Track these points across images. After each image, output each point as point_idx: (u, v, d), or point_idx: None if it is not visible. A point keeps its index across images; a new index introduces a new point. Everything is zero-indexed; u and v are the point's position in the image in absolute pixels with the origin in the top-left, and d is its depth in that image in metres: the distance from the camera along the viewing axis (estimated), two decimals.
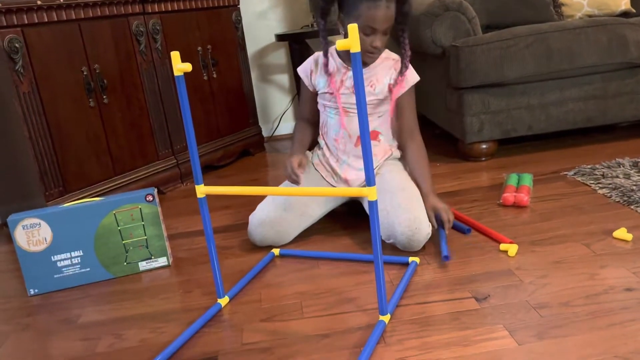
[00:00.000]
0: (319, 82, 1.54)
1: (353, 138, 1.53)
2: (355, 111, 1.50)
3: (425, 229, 1.36)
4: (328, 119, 1.56)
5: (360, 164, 1.55)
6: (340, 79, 1.50)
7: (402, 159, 1.61)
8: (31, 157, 1.71)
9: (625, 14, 2.39)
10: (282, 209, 1.49)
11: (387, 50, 1.53)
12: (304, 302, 1.23)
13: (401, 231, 1.35)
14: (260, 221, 1.49)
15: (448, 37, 2.01)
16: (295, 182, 1.45)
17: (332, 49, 1.53)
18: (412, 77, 1.52)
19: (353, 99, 1.49)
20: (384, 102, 1.53)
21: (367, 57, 1.43)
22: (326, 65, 1.50)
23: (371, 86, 1.50)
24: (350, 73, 1.49)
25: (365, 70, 1.49)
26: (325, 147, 1.61)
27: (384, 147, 1.58)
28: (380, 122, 1.55)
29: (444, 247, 1.35)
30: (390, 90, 1.51)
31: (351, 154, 1.55)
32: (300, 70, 1.58)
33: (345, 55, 1.50)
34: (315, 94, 1.59)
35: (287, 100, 2.96)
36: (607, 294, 1.11)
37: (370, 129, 1.54)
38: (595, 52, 1.93)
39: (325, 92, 1.53)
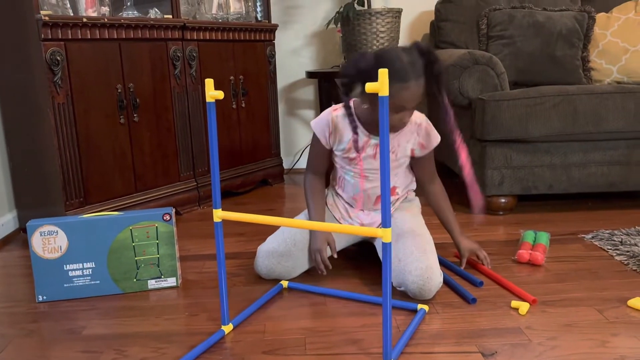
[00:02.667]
0: (340, 145, 1.48)
1: (372, 198, 1.53)
2: (376, 175, 1.50)
3: (437, 278, 1.34)
4: (345, 176, 1.54)
5: (377, 214, 1.55)
6: (361, 145, 1.46)
7: (416, 198, 1.63)
8: (57, 166, 1.75)
9: None
10: (292, 244, 1.49)
11: (416, 113, 1.48)
12: (308, 338, 1.22)
13: (412, 280, 1.34)
14: (268, 253, 1.48)
15: (476, 89, 2.03)
16: (322, 271, 1.47)
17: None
18: (435, 139, 1.50)
19: (374, 165, 1.48)
20: (404, 163, 1.53)
21: (393, 129, 1.40)
22: (356, 142, 1.42)
23: (392, 152, 1.47)
24: (372, 141, 1.45)
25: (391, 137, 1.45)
26: (341, 193, 1.59)
27: (402, 196, 1.60)
28: (398, 178, 1.55)
29: (466, 292, 1.38)
30: (412, 155, 1.51)
31: (369, 209, 1.56)
32: (316, 127, 1.50)
33: (367, 122, 1.44)
34: (329, 151, 1.53)
35: (311, 135, 2.99)
36: None
37: (391, 184, 1.54)
38: (621, 118, 1.93)
39: (344, 157, 1.50)
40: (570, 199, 2.21)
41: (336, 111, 1.47)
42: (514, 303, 1.33)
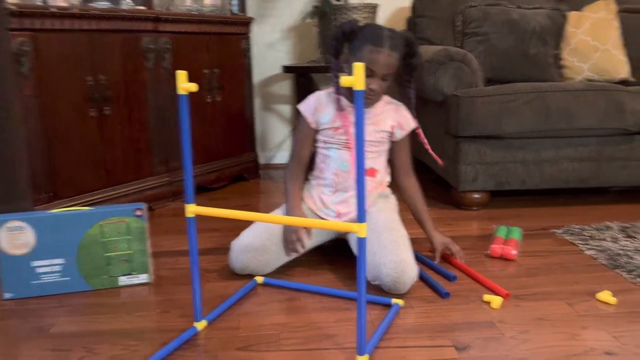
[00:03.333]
0: (324, 117, 1.54)
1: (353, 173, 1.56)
2: (366, 149, 1.54)
3: (411, 272, 1.35)
4: (329, 153, 1.56)
5: (355, 202, 1.56)
6: (346, 112, 1.54)
7: (392, 195, 1.64)
8: (24, 159, 1.70)
9: (624, 82, 2.44)
10: (267, 238, 1.48)
11: (388, 97, 1.58)
12: (282, 333, 1.21)
13: (387, 273, 1.34)
14: (243, 248, 1.47)
15: (450, 86, 2.04)
16: (296, 250, 1.48)
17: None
18: (412, 121, 1.57)
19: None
20: (384, 142, 1.57)
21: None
22: (338, 101, 1.50)
23: (374, 124, 1.53)
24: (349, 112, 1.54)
25: (368, 111, 1.52)
26: (318, 182, 1.60)
27: (379, 183, 1.61)
28: (380, 160, 1.59)
29: (440, 286, 1.39)
30: (391, 133, 1.56)
31: (350, 188, 1.56)
32: (303, 106, 1.56)
33: (349, 94, 1.52)
34: (311, 134, 1.58)
35: (287, 130, 2.98)
36: (586, 355, 1.10)
37: (370, 166, 1.56)
38: (592, 115, 1.96)
39: (328, 128, 1.54)
40: (542, 195, 2.25)
41: (321, 91, 1.58)
42: (487, 297, 1.34)
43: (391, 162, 1.63)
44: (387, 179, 1.65)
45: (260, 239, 1.47)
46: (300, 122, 1.58)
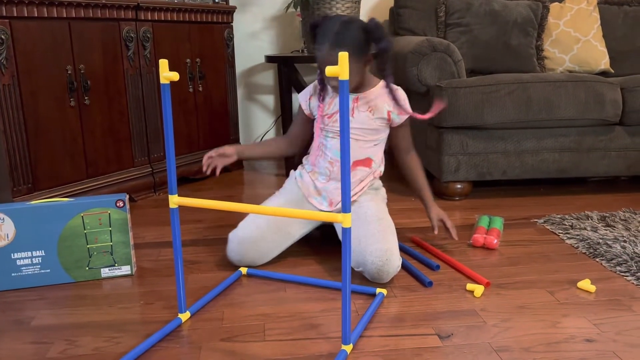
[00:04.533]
0: (316, 106, 1.57)
1: (350, 162, 1.54)
2: (359, 138, 1.53)
3: (395, 261, 1.36)
4: (325, 141, 1.56)
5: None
6: (333, 103, 1.55)
7: (383, 187, 1.63)
8: (3, 150, 1.67)
9: (604, 73, 2.47)
10: (265, 227, 1.48)
11: (384, 82, 1.54)
12: (267, 324, 1.21)
13: (372, 260, 1.35)
14: (242, 239, 1.47)
15: (433, 76, 2.05)
16: (205, 164, 1.53)
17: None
18: (409, 107, 1.54)
19: (351, 124, 1.53)
20: (382, 130, 1.54)
21: (333, 88, 1.51)
22: (322, 90, 1.53)
23: (370, 111, 1.51)
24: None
25: (363, 96, 1.51)
26: (313, 169, 1.59)
27: (372, 173, 1.59)
28: (376, 150, 1.56)
29: (423, 275, 1.40)
30: (389, 118, 1.53)
31: (338, 178, 1.55)
32: (300, 94, 1.63)
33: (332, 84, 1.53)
34: (307, 119, 1.62)
35: (271, 121, 2.96)
36: (567, 343, 1.12)
37: (366, 155, 1.55)
38: (573, 106, 1.99)
39: (324, 116, 1.54)
40: (524, 185, 2.28)
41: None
42: (469, 286, 1.36)
43: (391, 145, 1.61)
44: (381, 169, 1.62)
45: (257, 228, 1.47)
46: (299, 108, 1.65)
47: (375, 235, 1.38)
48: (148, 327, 1.20)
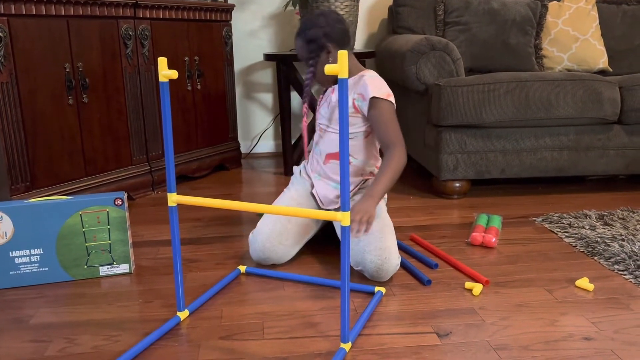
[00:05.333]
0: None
1: (322, 156, 1.57)
2: (330, 130, 1.55)
3: (394, 260, 1.36)
4: (315, 138, 1.63)
5: (328, 183, 1.57)
6: (320, 97, 1.62)
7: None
8: (1, 148, 1.66)
9: (602, 72, 2.48)
10: (286, 221, 1.49)
11: (363, 70, 1.55)
12: (265, 322, 1.21)
13: (371, 259, 1.35)
14: (267, 236, 1.46)
15: (432, 75, 2.05)
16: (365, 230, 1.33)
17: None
18: (372, 89, 1.44)
19: (325, 117, 1.56)
20: (358, 123, 1.50)
21: (322, 84, 1.60)
22: (307, 86, 1.56)
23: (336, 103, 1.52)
24: (326, 93, 1.60)
25: (332, 89, 1.57)
26: (310, 163, 1.65)
27: (356, 171, 1.55)
28: (356, 144, 1.52)
29: (422, 274, 1.40)
30: (354, 107, 1.48)
31: (320, 172, 1.58)
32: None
33: (322, 79, 1.58)
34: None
35: (269, 119, 2.96)
36: (565, 341, 1.12)
37: (333, 146, 1.55)
38: (571, 104, 1.99)
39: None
40: (522, 183, 2.28)
41: None
42: (468, 284, 1.36)
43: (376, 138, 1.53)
44: (371, 168, 1.58)
45: (280, 223, 1.48)
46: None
47: (374, 234, 1.38)
48: (147, 325, 1.20)
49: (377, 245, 1.35)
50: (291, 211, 1.05)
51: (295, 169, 1.70)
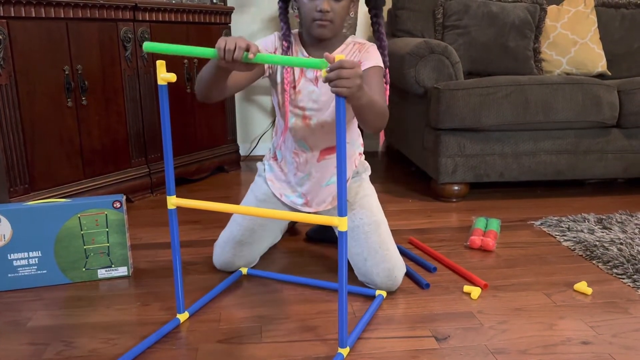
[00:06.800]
0: (279, 69, 1.33)
1: (315, 152, 1.37)
2: (320, 116, 1.31)
3: (402, 274, 1.36)
4: (290, 123, 1.33)
5: (323, 182, 1.41)
6: (300, 70, 1.30)
7: (366, 172, 1.48)
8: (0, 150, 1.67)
9: (601, 76, 2.48)
10: (247, 224, 1.43)
11: (353, 37, 1.36)
12: (264, 326, 1.21)
13: (381, 281, 1.34)
14: (225, 241, 1.44)
15: (431, 78, 2.05)
16: (230, 58, 1.01)
17: (294, 34, 1.36)
18: (373, 58, 1.27)
19: (314, 97, 1.30)
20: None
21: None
22: (288, 49, 1.31)
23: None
24: (293, 53, 1.33)
25: (318, 54, 1.27)
26: (281, 159, 1.44)
27: (353, 161, 1.44)
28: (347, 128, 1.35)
29: (420, 277, 1.39)
30: None
31: (312, 171, 1.40)
32: (261, 43, 1.35)
33: (310, 42, 1.32)
34: (255, 75, 1.32)
35: (268, 121, 2.96)
36: (564, 345, 1.12)
37: (329, 144, 1.36)
38: (570, 108, 1.99)
39: (291, 85, 1.30)
40: (521, 187, 2.28)
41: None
42: (466, 288, 1.36)
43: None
44: (359, 150, 1.45)
45: (240, 227, 1.44)
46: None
47: (378, 252, 1.34)
48: (144, 328, 1.20)
49: (385, 266, 1.33)
50: (288, 216, 1.05)
51: (259, 167, 1.50)
